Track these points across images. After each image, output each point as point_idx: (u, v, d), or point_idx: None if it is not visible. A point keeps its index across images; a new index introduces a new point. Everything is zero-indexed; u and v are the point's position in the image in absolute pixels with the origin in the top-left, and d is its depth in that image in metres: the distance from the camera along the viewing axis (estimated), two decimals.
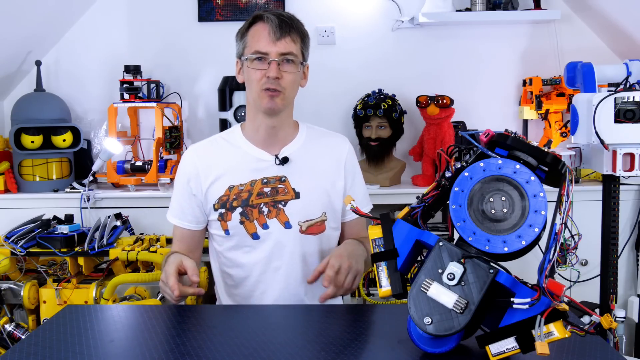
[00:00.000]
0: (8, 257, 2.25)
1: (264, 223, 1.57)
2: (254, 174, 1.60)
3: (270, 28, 1.52)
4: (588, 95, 1.99)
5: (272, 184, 1.59)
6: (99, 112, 3.02)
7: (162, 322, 1.27)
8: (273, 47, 1.51)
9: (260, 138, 1.62)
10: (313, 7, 2.98)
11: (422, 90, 2.83)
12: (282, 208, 1.58)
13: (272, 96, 1.53)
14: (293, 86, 1.57)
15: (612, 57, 2.94)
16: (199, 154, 1.64)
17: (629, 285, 2.64)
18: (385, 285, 1.07)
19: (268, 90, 1.52)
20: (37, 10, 2.66)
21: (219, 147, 1.65)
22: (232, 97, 2.73)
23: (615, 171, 1.96)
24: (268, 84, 1.52)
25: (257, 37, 1.54)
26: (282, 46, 1.52)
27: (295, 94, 1.61)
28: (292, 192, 1.59)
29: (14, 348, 1.13)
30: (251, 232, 1.57)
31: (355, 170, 1.70)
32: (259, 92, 1.54)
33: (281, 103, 1.55)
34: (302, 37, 1.58)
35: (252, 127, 1.63)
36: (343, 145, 1.70)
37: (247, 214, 1.57)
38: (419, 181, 2.81)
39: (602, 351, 1.08)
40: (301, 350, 1.10)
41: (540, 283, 0.96)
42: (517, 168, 1.00)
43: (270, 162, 1.60)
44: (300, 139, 1.66)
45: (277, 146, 1.62)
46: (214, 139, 1.69)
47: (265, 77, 1.52)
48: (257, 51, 1.53)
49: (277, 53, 1.52)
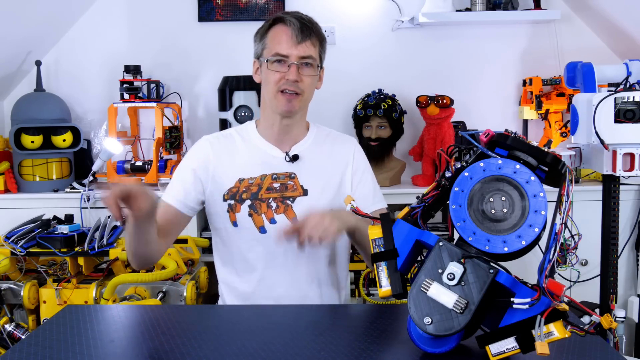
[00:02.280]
0: (8, 257, 2.25)
1: (272, 218, 1.59)
2: (264, 168, 1.62)
3: (292, 31, 1.54)
4: (588, 95, 1.99)
5: (282, 179, 1.61)
6: (99, 112, 3.02)
7: (162, 322, 1.27)
8: (294, 50, 1.54)
9: (273, 135, 1.65)
10: (313, 7, 2.98)
11: (422, 90, 2.83)
12: (290, 204, 1.60)
13: (289, 99, 1.56)
14: (310, 89, 1.61)
15: (612, 57, 2.94)
16: (213, 143, 1.67)
17: (629, 285, 2.64)
18: (385, 285, 1.07)
19: (286, 93, 1.55)
20: (37, 10, 2.66)
21: (232, 140, 1.68)
22: (232, 97, 2.72)
23: (615, 171, 1.96)
24: (286, 86, 1.55)
25: (277, 39, 1.56)
26: (303, 50, 1.55)
27: (312, 96, 1.64)
28: (300, 189, 1.61)
29: (14, 348, 1.13)
30: (259, 226, 1.59)
31: (364, 169, 1.70)
32: (275, 94, 1.57)
33: (298, 105, 1.58)
34: (321, 41, 1.61)
35: (266, 124, 1.66)
36: (350, 146, 1.72)
37: (256, 207, 1.59)
38: (419, 181, 2.81)
39: (602, 351, 1.09)
40: (301, 351, 1.10)
41: (540, 283, 0.96)
42: (517, 168, 1.00)
43: (281, 159, 1.63)
44: (310, 138, 1.69)
45: (288, 144, 1.66)
46: (228, 132, 1.72)
47: (284, 79, 1.55)
48: (278, 53, 1.55)
49: (297, 56, 1.54)
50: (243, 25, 2.97)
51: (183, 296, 2.21)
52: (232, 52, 2.98)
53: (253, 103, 2.70)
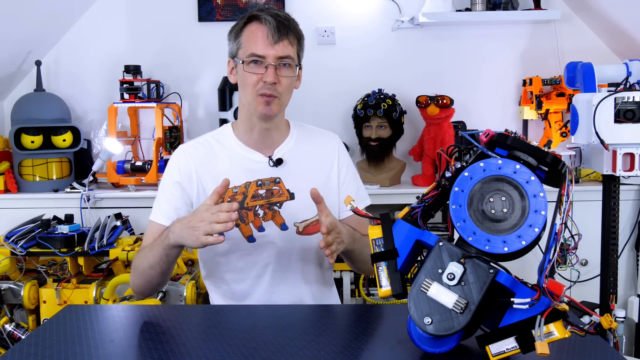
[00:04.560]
0: (8, 257, 2.25)
1: (260, 226, 1.54)
2: (248, 175, 1.57)
3: (268, 30, 1.46)
4: (588, 95, 1.99)
5: (267, 185, 1.56)
6: (99, 112, 3.02)
7: (162, 322, 1.27)
8: (270, 50, 1.47)
9: (253, 140, 1.59)
10: (313, 7, 2.98)
11: (422, 90, 2.83)
12: (278, 210, 1.56)
13: (267, 102, 1.49)
14: (289, 90, 1.54)
15: (612, 57, 2.94)
16: (191, 153, 1.59)
17: (629, 285, 2.64)
18: (385, 285, 1.07)
19: (264, 96, 1.48)
20: (37, 10, 2.66)
21: (210, 148, 1.60)
22: (232, 97, 2.73)
23: (615, 171, 1.96)
24: (264, 89, 1.48)
25: (253, 38, 1.48)
26: (280, 49, 1.47)
27: (290, 97, 1.57)
28: (286, 194, 1.56)
29: (14, 348, 1.13)
30: (247, 235, 1.54)
31: (347, 166, 1.66)
32: (254, 97, 1.50)
33: (277, 108, 1.52)
34: (299, 38, 1.53)
35: (245, 128, 1.59)
36: (333, 142, 1.67)
37: (243, 216, 1.54)
38: (419, 181, 2.81)
39: (602, 351, 1.09)
40: (301, 350, 1.10)
41: (540, 283, 0.96)
42: (517, 168, 1.00)
43: (264, 164, 1.58)
44: (291, 140, 1.63)
45: (270, 147, 1.60)
46: (204, 139, 1.64)
47: (261, 82, 1.48)
48: (254, 54, 1.47)
49: (274, 57, 1.47)
50: None
51: (183, 296, 2.21)
52: None
53: None
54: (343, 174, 1.65)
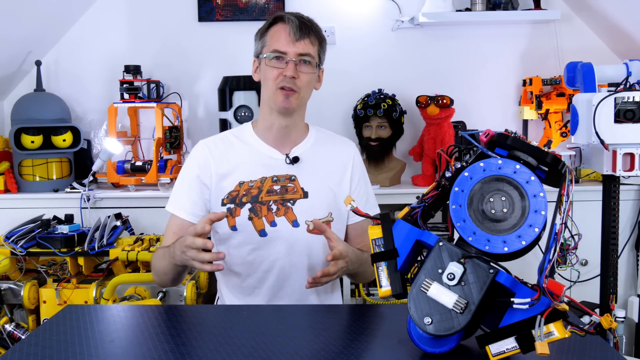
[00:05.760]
0: (8, 257, 2.25)
1: (272, 221, 1.58)
2: (264, 171, 1.62)
3: (291, 29, 1.55)
4: (588, 95, 1.99)
5: (282, 182, 1.61)
6: (99, 112, 3.02)
7: (162, 322, 1.27)
8: (292, 47, 1.55)
9: (272, 137, 1.65)
10: (313, 7, 2.98)
11: (422, 90, 2.83)
12: (291, 207, 1.59)
13: (287, 95, 1.56)
14: (308, 87, 1.60)
15: (612, 57, 2.94)
16: (211, 147, 1.66)
17: (629, 285, 2.64)
18: (385, 285, 1.07)
19: (283, 90, 1.55)
20: (37, 10, 2.66)
21: (229, 143, 1.67)
22: (232, 97, 2.72)
23: (615, 171, 1.96)
24: (284, 83, 1.55)
25: (276, 36, 1.57)
26: (301, 47, 1.55)
27: (310, 95, 1.64)
28: (300, 192, 1.61)
29: (14, 348, 1.13)
30: (259, 229, 1.58)
31: (360, 176, 1.71)
32: (274, 90, 1.57)
33: (295, 103, 1.58)
34: (320, 40, 1.62)
35: (265, 125, 1.65)
36: (350, 150, 1.73)
37: (256, 210, 1.58)
38: (419, 181, 2.81)
39: (602, 351, 1.09)
40: (301, 351, 1.10)
41: (540, 283, 0.96)
42: (517, 168, 1.00)
43: (281, 161, 1.63)
44: (309, 140, 1.69)
45: (288, 146, 1.65)
46: (224, 135, 1.71)
47: (281, 76, 1.55)
48: (276, 50, 1.55)
49: (295, 53, 1.55)
50: (243, 25, 2.97)
51: (183, 296, 2.21)
52: (232, 52, 2.99)
53: (253, 103, 2.70)
54: (355, 183, 1.69)
